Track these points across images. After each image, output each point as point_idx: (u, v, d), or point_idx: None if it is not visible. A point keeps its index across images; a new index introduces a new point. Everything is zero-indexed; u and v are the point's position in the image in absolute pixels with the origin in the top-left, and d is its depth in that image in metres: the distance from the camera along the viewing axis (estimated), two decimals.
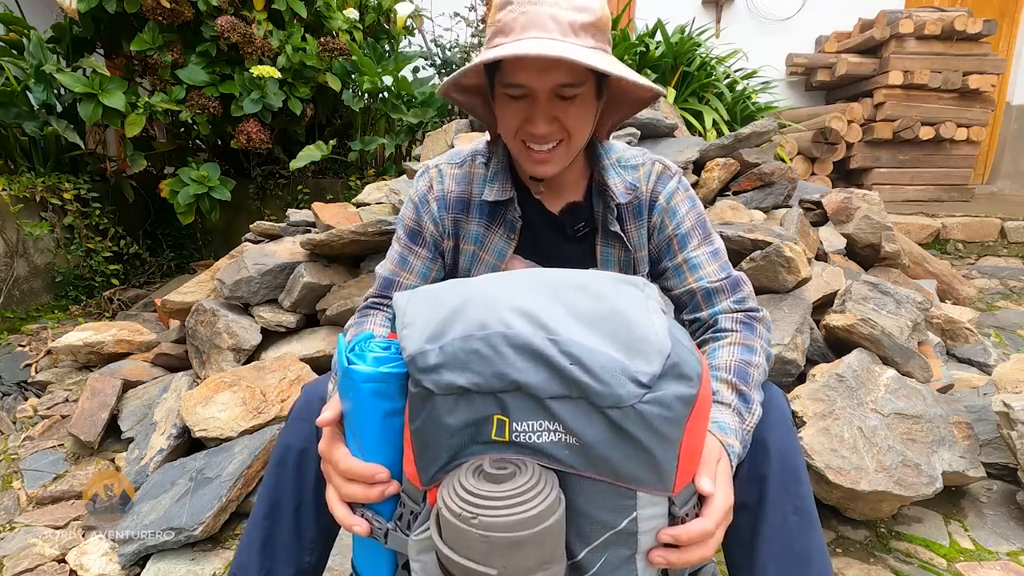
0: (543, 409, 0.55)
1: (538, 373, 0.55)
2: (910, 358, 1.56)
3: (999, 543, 1.32)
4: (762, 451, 0.77)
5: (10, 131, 2.73)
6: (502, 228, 0.96)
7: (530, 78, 0.80)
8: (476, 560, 0.52)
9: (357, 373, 0.63)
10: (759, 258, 1.66)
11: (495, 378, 0.55)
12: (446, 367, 0.56)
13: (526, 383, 0.55)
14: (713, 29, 4.89)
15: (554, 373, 0.55)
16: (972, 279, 3.21)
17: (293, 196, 3.21)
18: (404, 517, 0.65)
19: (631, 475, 0.56)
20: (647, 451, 0.55)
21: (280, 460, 0.83)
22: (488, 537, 0.51)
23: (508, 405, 0.56)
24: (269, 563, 0.82)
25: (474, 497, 0.53)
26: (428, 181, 0.98)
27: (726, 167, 2.24)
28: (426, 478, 0.60)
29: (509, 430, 0.56)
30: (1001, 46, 5.07)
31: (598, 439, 0.55)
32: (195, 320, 1.83)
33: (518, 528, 0.52)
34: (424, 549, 0.62)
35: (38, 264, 2.74)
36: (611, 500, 0.57)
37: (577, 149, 0.89)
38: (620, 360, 0.55)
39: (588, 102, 0.85)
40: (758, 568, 0.78)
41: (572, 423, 0.55)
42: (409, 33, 3.66)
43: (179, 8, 2.61)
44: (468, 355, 0.56)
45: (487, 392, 0.56)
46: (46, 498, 1.48)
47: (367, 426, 0.66)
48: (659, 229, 0.96)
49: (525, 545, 0.52)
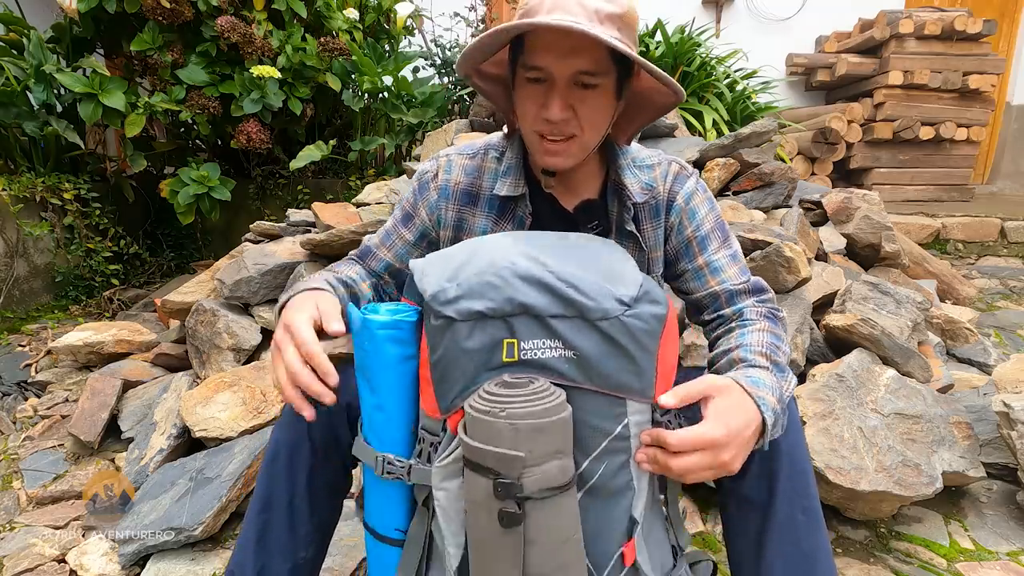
0: (546, 328, 0.67)
1: (541, 296, 0.67)
2: (910, 358, 1.56)
3: (999, 543, 1.32)
4: (772, 450, 0.77)
5: (10, 131, 2.73)
6: (511, 224, 0.95)
7: (551, 61, 0.79)
8: (505, 446, 0.61)
9: (374, 321, 0.71)
10: (759, 258, 1.66)
11: (506, 302, 0.67)
12: (464, 297, 0.67)
13: (531, 305, 0.66)
14: (713, 29, 4.89)
15: (554, 296, 0.67)
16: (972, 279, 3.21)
17: (293, 196, 3.21)
18: (424, 452, 0.73)
19: (621, 383, 0.67)
20: (632, 359, 0.67)
21: (273, 456, 0.84)
22: (515, 425, 0.61)
23: (516, 327, 0.67)
24: (264, 558, 0.82)
25: (499, 397, 0.63)
26: (435, 169, 0.97)
27: (726, 167, 2.24)
28: (445, 405, 0.69)
29: (518, 349, 0.67)
30: (1001, 46, 5.07)
31: (593, 350, 0.66)
32: (195, 320, 1.83)
33: (540, 416, 0.62)
34: (448, 475, 0.70)
35: (38, 264, 2.74)
36: (606, 409, 0.68)
37: (589, 147, 0.87)
38: (605, 285, 0.68)
39: (607, 97, 0.83)
40: (765, 565, 0.78)
41: (570, 337, 0.66)
42: (409, 33, 3.65)
43: (179, 8, 2.60)
44: (482, 286, 0.67)
45: (499, 316, 0.67)
46: (46, 498, 1.48)
47: (382, 372, 0.72)
48: (677, 230, 0.95)
49: (545, 431, 0.62)
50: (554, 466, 0.63)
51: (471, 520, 0.66)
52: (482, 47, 0.81)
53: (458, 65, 0.84)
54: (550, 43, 0.78)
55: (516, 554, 0.63)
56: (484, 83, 0.92)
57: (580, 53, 0.77)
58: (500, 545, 0.63)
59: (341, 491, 0.89)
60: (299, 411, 0.72)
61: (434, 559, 0.75)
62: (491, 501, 0.62)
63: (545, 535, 0.63)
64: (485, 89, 0.93)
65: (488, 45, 0.82)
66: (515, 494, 0.61)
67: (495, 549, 0.64)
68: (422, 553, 0.75)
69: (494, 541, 0.63)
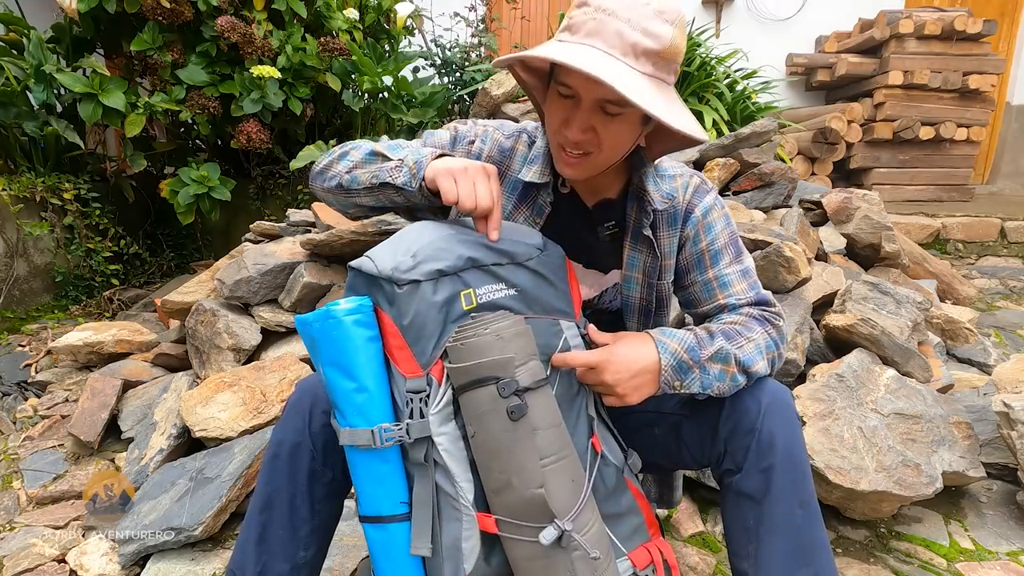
0: (491, 274, 0.82)
1: (481, 251, 0.81)
2: (910, 358, 1.56)
3: (999, 543, 1.32)
4: (769, 444, 0.79)
5: (10, 131, 2.72)
6: (530, 210, 0.97)
7: (579, 84, 0.79)
8: (497, 353, 0.74)
9: (338, 310, 0.77)
10: (759, 258, 1.66)
11: (457, 259, 0.79)
12: (422, 262, 0.77)
13: (476, 257, 0.80)
14: (713, 29, 4.89)
15: (490, 250, 0.82)
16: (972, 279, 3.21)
17: (293, 196, 3.21)
18: (415, 410, 0.78)
19: (553, 307, 0.86)
20: (556, 287, 0.87)
21: (274, 455, 0.84)
22: (500, 334, 0.75)
23: (467, 279, 0.80)
24: (265, 558, 0.83)
25: (475, 324, 0.77)
26: (473, 135, 1.00)
27: (726, 167, 2.24)
28: (425, 360, 0.77)
29: (475, 296, 0.80)
30: (1001, 46, 5.07)
31: (528, 284, 0.84)
32: (195, 320, 1.83)
33: (514, 326, 0.77)
34: (444, 420, 0.77)
35: (38, 264, 2.74)
36: (548, 329, 0.85)
37: (606, 164, 0.88)
38: (520, 239, 0.86)
39: (631, 123, 0.84)
40: (764, 558, 0.78)
41: (510, 277, 0.83)
42: (409, 33, 3.65)
43: (179, 8, 2.60)
44: (435, 251, 0.79)
45: (453, 272, 0.79)
46: (46, 498, 1.48)
47: (354, 353, 0.78)
48: (692, 241, 0.96)
49: (523, 335, 0.78)
50: (534, 363, 0.78)
51: (481, 435, 0.75)
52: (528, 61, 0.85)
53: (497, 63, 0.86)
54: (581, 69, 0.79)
55: (530, 441, 0.74)
56: (526, 75, 0.93)
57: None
58: (514, 439, 0.74)
59: (342, 491, 0.89)
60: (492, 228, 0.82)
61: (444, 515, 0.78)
62: (497, 403, 0.73)
63: (543, 421, 0.76)
64: (526, 81, 0.94)
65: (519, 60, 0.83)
66: (515, 388, 0.73)
67: (511, 445, 0.74)
68: (433, 510, 0.78)
69: (508, 438, 0.74)
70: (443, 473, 0.77)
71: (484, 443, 0.75)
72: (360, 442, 0.77)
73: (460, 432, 0.78)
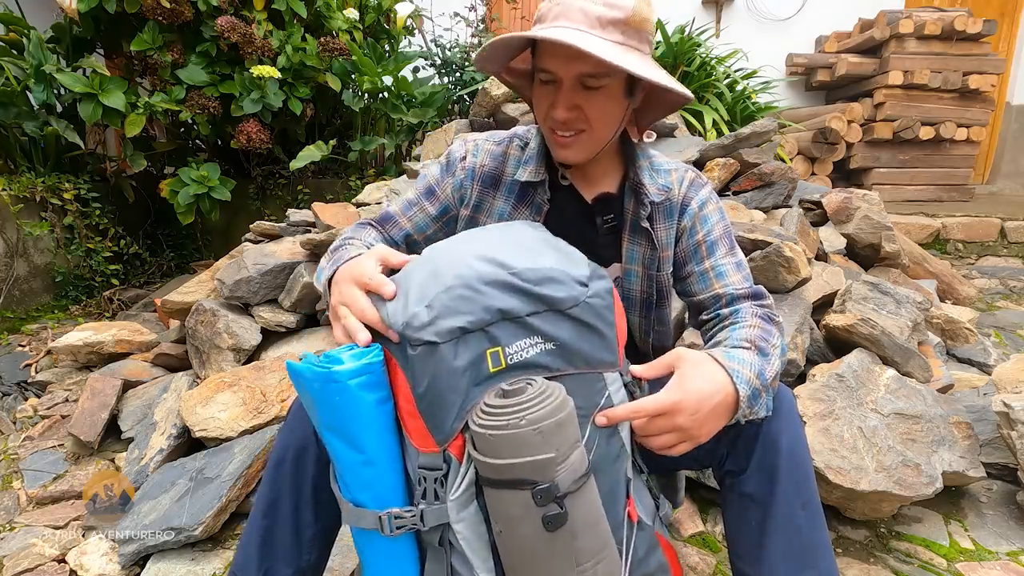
0: (524, 327, 0.69)
1: (514, 299, 0.68)
2: (910, 358, 1.56)
3: (999, 543, 1.32)
4: (772, 445, 0.79)
5: (10, 131, 2.73)
6: (528, 210, 0.99)
7: (557, 65, 0.84)
8: (535, 452, 0.61)
9: (341, 372, 0.66)
10: (759, 258, 1.66)
11: (484, 312, 0.67)
12: (440, 317, 0.66)
13: (508, 308, 0.68)
14: (713, 29, 4.89)
15: (525, 295, 0.69)
16: (972, 279, 3.21)
17: (293, 196, 3.21)
18: (429, 490, 0.69)
19: (597, 359, 0.72)
20: (602, 335, 0.72)
21: (278, 459, 0.83)
22: (539, 427, 0.61)
23: (498, 335, 0.68)
24: (268, 562, 0.82)
25: (509, 408, 0.63)
26: (464, 151, 1.02)
27: (726, 167, 2.24)
28: (442, 435, 0.68)
29: (504, 355, 0.68)
30: (1001, 46, 5.06)
31: (569, 337, 0.70)
32: (195, 320, 1.83)
33: (557, 412, 0.63)
34: (463, 504, 0.69)
35: (38, 264, 2.74)
36: (589, 387, 0.72)
37: (600, 142, 0.91)
38: (564, 269, 0.72)
39: (614, 96, 0.87)
40: (766, 560, 0.78)
41: (548, 330, 0.69)
42: (409, 33, 3.65)
43: (179, 8, 2.60)
44: (455, 301, 0.67)
45: (479, 328, 0.67)
46: (46, 498, 1.48)
47: (361, 422, 0.68)
48: (689, 233, 0.98)
49: (564, 425, 0.63)
50: (576, 455, 0.65)
51: (509, 537, 0.65)
52: (495, 53, 0.88)
53: (477, 67, 0.91)
54: (555, 49, 0.83)
55: (567, 552, 0.64)
56: (512, 78, 0.99)
57: (582, 57, 0.81)
58: (549, 549, 0.63)
59: None
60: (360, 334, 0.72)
61: None
62: (531, 511, 0.62)
63: (583, 523, 0.65)
64: (513, 84, 0.99)
65: (500, 52, 0.89)
66: (555, 495, 0.62)
67: (545, 555, 0.64)
68: None
69: (543, 547, 0.63)
70: (460, 558, 0.70)
71: (512, 546, 0.66)
72: (366, 526, 0.71)
73: (482, 515, 0.69)
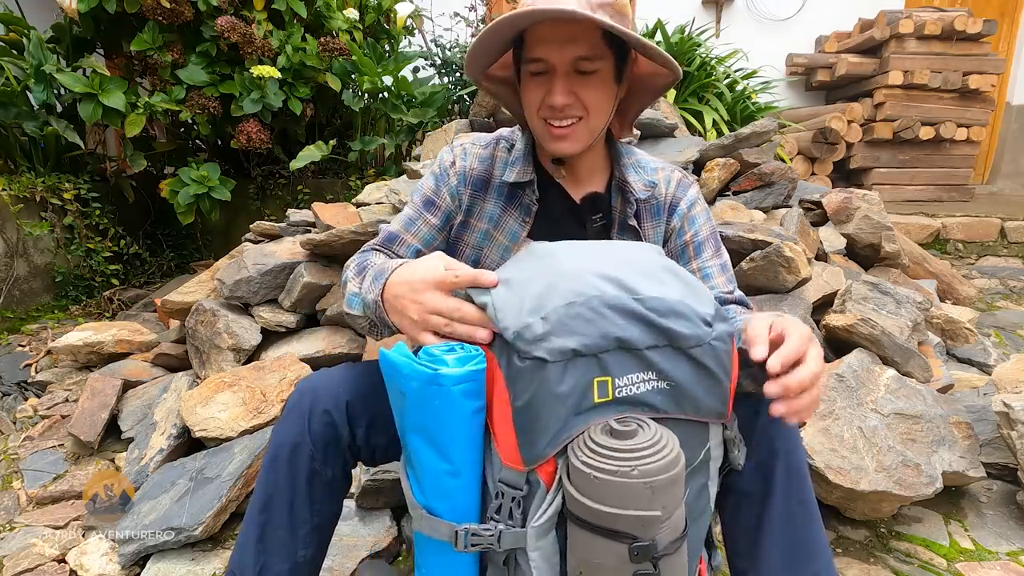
0: (641, 360, 0.63)
1: (636, 328, 0.63)
2: (910, 358, 1.56)
3: (999, 543, 1.32)
4: (769, 444, 0.79)
5: (10, 131, 2.73)
6: (518, 211, 0.99)
7: (550, 51, 0.83)
8: (643, 508, 0.57)
9: (448, 376, 0.63)
10: (759, 258, 1.66)
11: (601, 338, 0.62)
12: (554, 333, 0.61)
13: (627, 338, 0.62)
14: (713, 29, 4.89)
15: (649, 326, 0.63)
16: (972, 279, 3.21)
17: (293, 196, 3.21)
18: (504, 507, 0.66)
19: (708, 407, 0.66)
20: (719, 381, 0.66)
21: (273, 456, 0.83)
22: (651, 483, 0.57)
23: (609, 364, 0.62)
24: (264, 558, 0.82)
25: (619, 453, 0.58)
26: (452, 157, 1.01)
27: (726, 167, 2.24)
28: (531, 455, 0.63)
29: (612, 387, 0.62)
30: (1001, 46, 5.06)
31: (685, 378, 0.64)
32: (195, 320, 1.83)
33: (671, 467, 0.58)
34: (543, 533, 0.65)
35: (38, 264, 2.74)
36: (692, 437, 0.67)
37: (596, 129, 0.91)
38: (691, 305, 0.65)
39: (607, 81, 0.87)
40: (762, 556, 0.79)
41: (665, 367, 0.63)
42: (409, 33, 3.65)
43: (179, 8, 2.60)
44: (574, 320, 0.62)
45: (593, 353, 0.62)
46: (46, 498, 1.48)
47: (455, 429, 0.65)
48: (677, 233, 1.00)
49: (676, 483, 0.59)
50: (678, 515, 0.60)
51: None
52: (486, 43, 0.85)
53: (467, 67, 0.89)
54: (548, 35, 0.83)
55: None
56: (493, 85, 0.99)
57: (577, 40, 0.81)
58: None
59: (342, 491, 0.89)
60: (480, 332, 0.69)
61: None
62: (624, 565, 0.58)
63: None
64: (494, 91, 0.98)
65: (491, 42, 0.85)
66: (653, 554, 0.58)
67: None
68: None
69: None
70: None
71: None
72: (439, 537, 0.68)
73: (558, 546, 0.66)
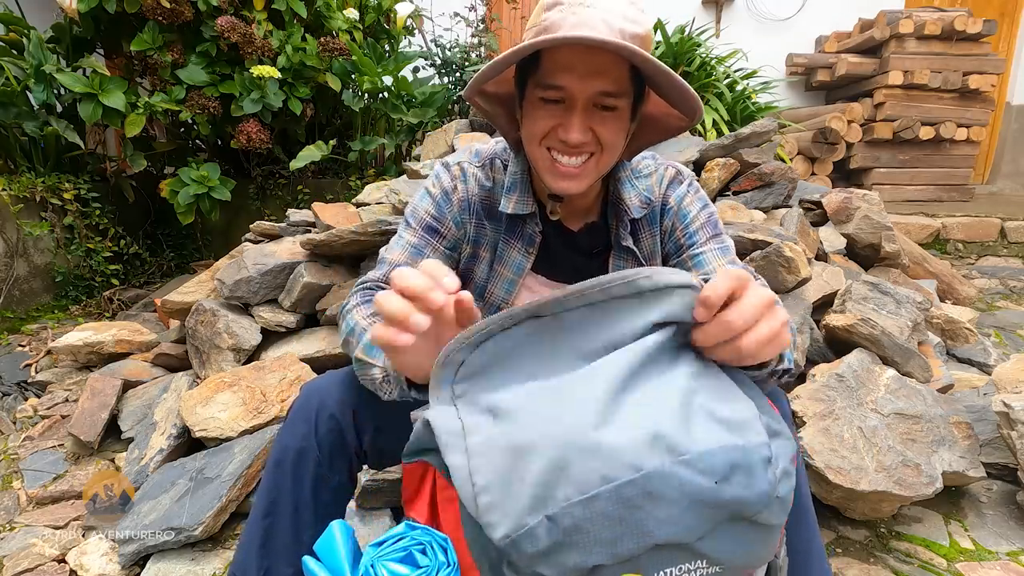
0: (687, 552, 0.46)
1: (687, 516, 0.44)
2: (910, 358, 1.56)
3: (999, 543, 1.32)
4: None
5: (10, 131, 2.73)
6: (520, 242, 0.94)
7: (572, 81, 0.76)
8: None
9: None
10: (759, 258, 1.66)
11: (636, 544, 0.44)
12: (566, 545, 0.44)
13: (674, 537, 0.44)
14: (713, 29, 4.89)
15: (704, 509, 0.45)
16: (972, 279, 3.21)
17: (293, 196, 3.21)
18: None
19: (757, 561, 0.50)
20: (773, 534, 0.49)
21: (278, 460, 0.83)
22: None
23: (642, 562, 0.45)
24: (268, 563, 0.82)
25: None
26: (452, 180, 0.94)
27: (726, 167, 2.24)
28: None
29: None
30: (1001, 46, 5.06)
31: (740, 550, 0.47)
32: (195, 320, 1.83)
33: None
34: None
35: (38, 264, 2.74)
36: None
37: (605, 168, 0.85)
38: (741, 444, 0.46)
39: (624, 119, 0.82)
40: None
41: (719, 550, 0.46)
42: (409, 33, 3.65)
43: (179, 8, 2.60)
44: (597, 523, 0.44)
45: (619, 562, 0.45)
46: (46, 498, 1.48)
47: None
48: (670, 232, 0.97)
49: None
50: None
51: None
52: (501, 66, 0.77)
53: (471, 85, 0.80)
54: (572, 63, 0.75)
55: None
56: (485, 102, 0.89)
57: (603, 74, 0.75)
58: None
59: (347, 496, 0.89)
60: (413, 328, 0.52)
61: None
62: None
63: None
64: (486, 109, 0.90)
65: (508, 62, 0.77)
66: None
67: None
68: None
69: None
70: None
71: None
72: None
73: None
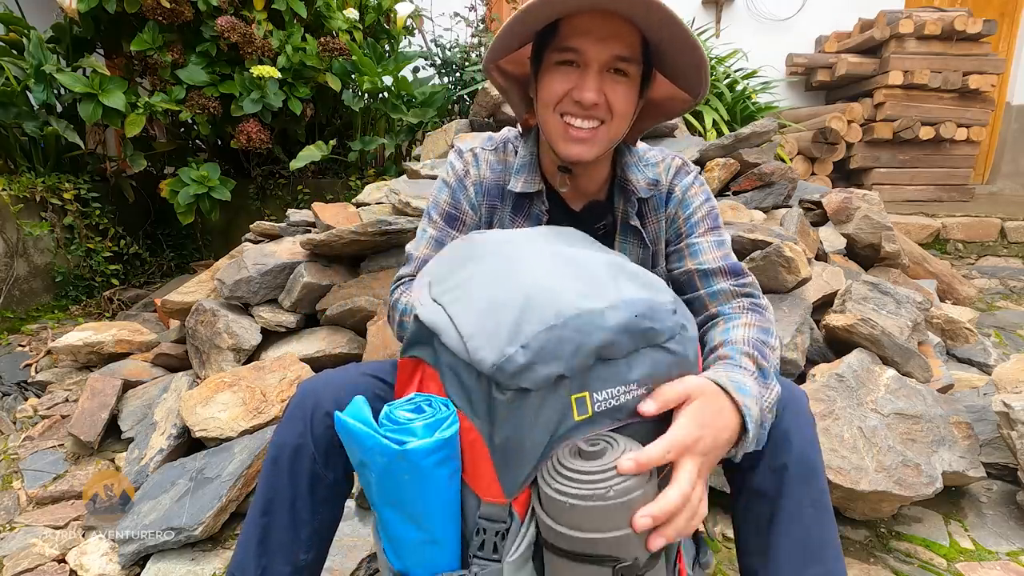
0: (618, 369, 0.60)
1: (616, 336, 0.60)
2: (910, 358, 1.56)
3: (999, 543, 1.32)
4: (783, 442, 0.78)
5: (10, 131, 2.73)
6: (527, 221, 0.98)
7: (588, 44, 0.80)
8: (622, 527, 0.55)
9: (416, 451, 0.59)
10: (759, 258, 1.66)
11: (588, 356, 0.58)
12: (538, 362, 0.57)
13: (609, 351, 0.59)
14: (713, 29, 4.89)
15: (627, 333, 0.60)
16: (972, 279, 3.21)
17: (293, 196, 3.21)
18: (487, 543, 0.62)
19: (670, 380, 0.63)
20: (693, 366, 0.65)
21: (274, 458, 0.83)
22: (628, 501, 0.55)
23: (589, 379, 0.59)
24: (266, 560, 0.82)
25: (591, 475, 0.55)
26: (464, 165, 0.98)
27: (726, 167, 2.24)
28: (514, 486, 0.61)
29: (591, 403, 0.59)
30: (1001, 46, 5.06)
31: (662, 371, 0.62)
32: (195, 320, 1.83)
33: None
34: (518, 567, 0.62)
35: (38, 264, 2.74)
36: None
37: (615, 138, 0.89)
38: (655, 299, 0.64)
39: (634, 88, 0.85)
40: (772, 556, 0.78)
41: (644, 371, 0.61)
42: (409, 33, 3.66)
43: (179, 8, 2.60)
44: (556, 344, 0.58)
45: (576, 373, 0.59)
46: (46, 498, 1.48)
47: (430, 500, 0.61)
48: (672, 220, 0.99)
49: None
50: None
51: None
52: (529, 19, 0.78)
53: (491, 49, 0.84)
54: (589, 26, 0.79)
55: None
56: (502, 77, 0.93)
57: (618, 38, 0.78)
58: None
59: (343, 493, 0.89)
60: None
61: None
62: None
63: None
64: (501, 84, 0.94)
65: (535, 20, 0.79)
66: (637, 572, 0.56)
67: None
68: None
69: None
70: None
71: None
72: None
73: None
